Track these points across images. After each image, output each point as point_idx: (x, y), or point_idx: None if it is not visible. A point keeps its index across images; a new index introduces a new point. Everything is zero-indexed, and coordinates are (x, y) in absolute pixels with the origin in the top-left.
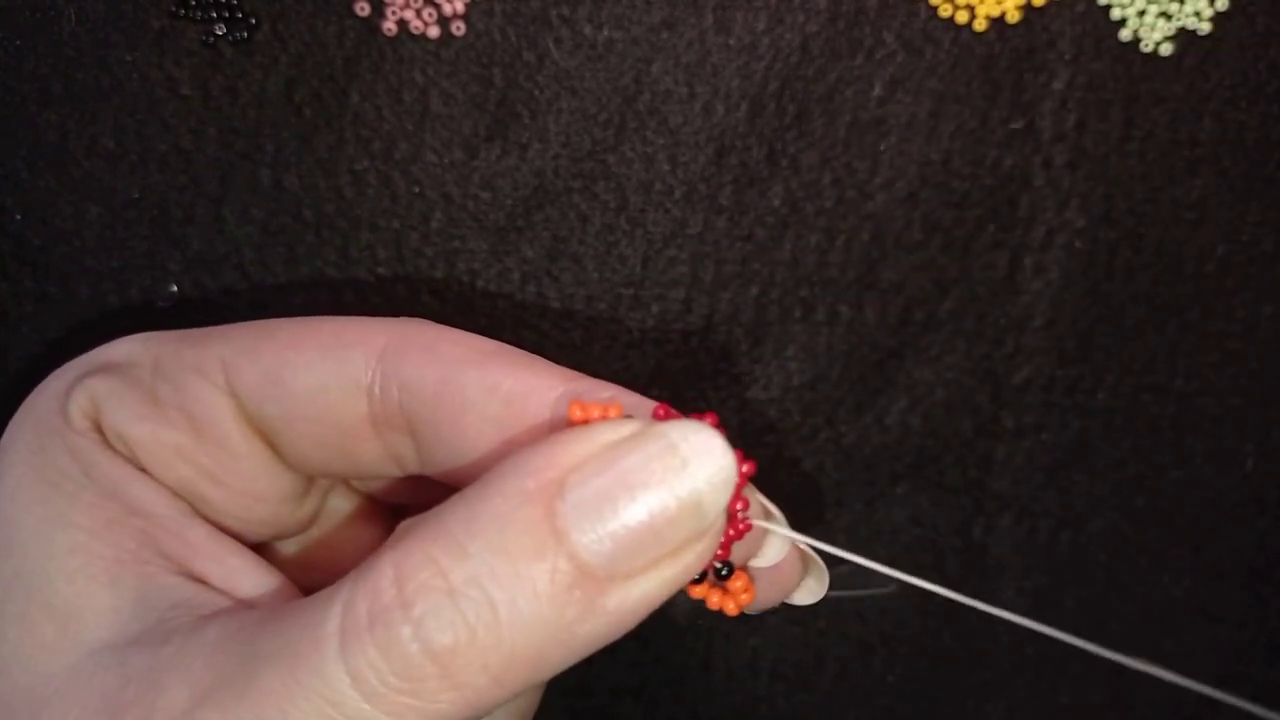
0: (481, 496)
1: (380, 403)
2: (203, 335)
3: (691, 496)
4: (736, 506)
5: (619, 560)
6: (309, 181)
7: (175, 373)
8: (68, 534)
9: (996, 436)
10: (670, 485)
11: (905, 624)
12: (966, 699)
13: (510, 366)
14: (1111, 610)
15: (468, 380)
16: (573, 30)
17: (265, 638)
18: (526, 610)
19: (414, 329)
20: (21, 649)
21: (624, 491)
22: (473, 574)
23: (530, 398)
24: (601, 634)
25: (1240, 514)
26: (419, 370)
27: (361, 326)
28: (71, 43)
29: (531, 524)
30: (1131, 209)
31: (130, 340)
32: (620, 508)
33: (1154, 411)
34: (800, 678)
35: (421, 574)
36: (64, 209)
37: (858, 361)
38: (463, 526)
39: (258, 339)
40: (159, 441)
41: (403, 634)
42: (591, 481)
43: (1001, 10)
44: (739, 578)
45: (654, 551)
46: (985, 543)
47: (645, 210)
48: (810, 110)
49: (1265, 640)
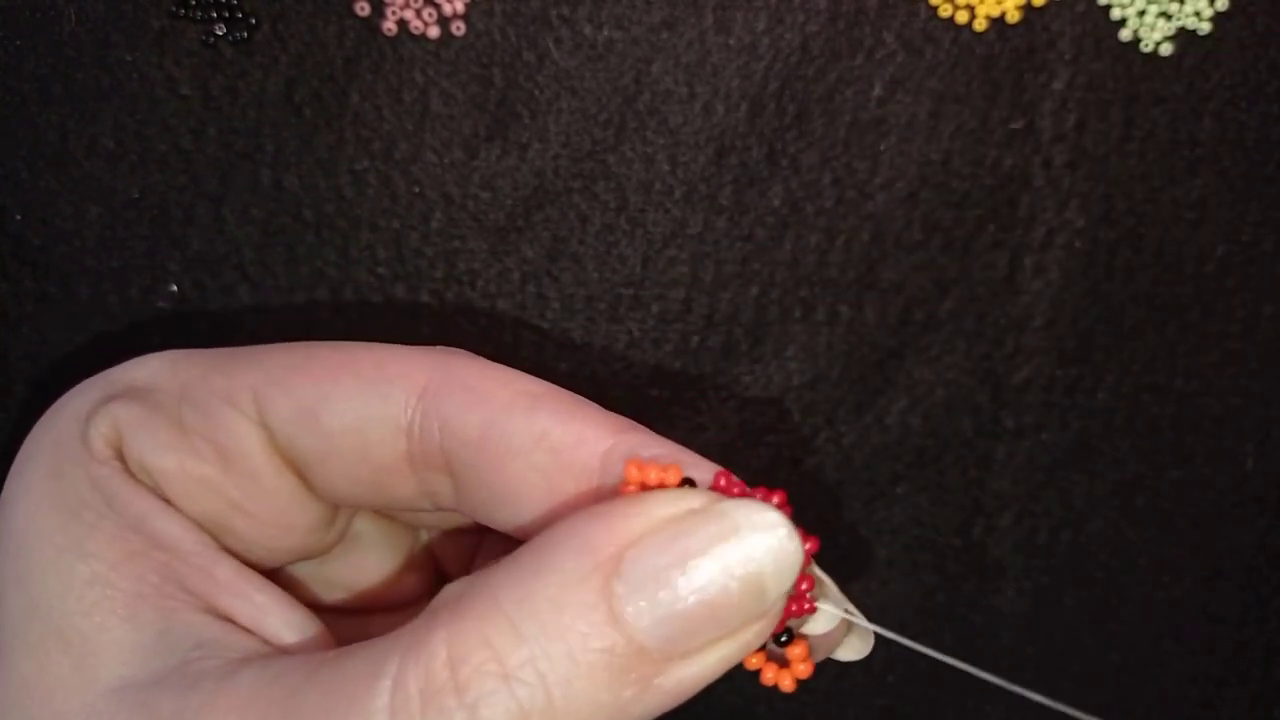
0: (536, 573)
1: (420, 442)
2: (231, 359)
3: (754, 580)
4: (802, 586)
5: (677, 642)
6: (309, 181)
7: (204, 400)
8: (86, 565)
9: (996, 436)
10: (732, 569)
11: (905, 624)
12: (966, 699)
13: (559, 414)
14: (1111, 610)
15: (514, 427)
16: (573, 30)
17: (307, 697)
18: (581, 693)
19: (457, 364)
20: (37, 684)
21: (684, 574)
22: (528, 657)
23: (580, 449)
24: (655, 710)
25: (1240, 514)
26: (462, 413)
27: (401, 359)
28: (71, 43)
29: (588, 607)
30: (1131, 209)
31: (154, 360)
32: (680, 590)
33: (1154, 411)
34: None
35: (476, 657)
36: (64, 209)
37: (858, 361)
38: (516, 607)
39: (291, 368)
40: (185, 473)
41: (456, 717)
42: (650, 560)
43: (1001, 10)
44: (798, 644)
45: (713, 633)
46: (985, 543)
47: (645, 210)
48: (810, 110)
49: (1265, 640)
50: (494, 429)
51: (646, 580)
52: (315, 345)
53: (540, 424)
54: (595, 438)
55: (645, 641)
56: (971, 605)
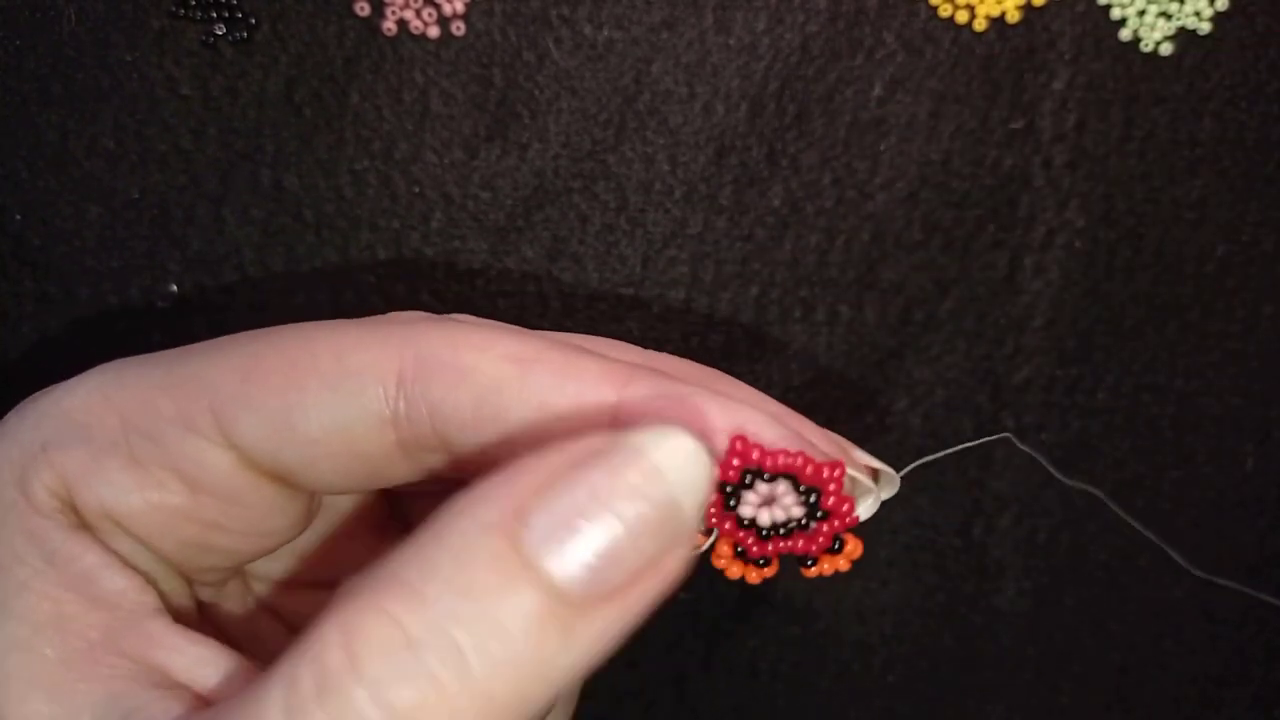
0: (436, 537)
1: (409, 429)
2: (171, 375)
3: (667, 500)
4: (844, 509)
5: (596, 582)
6: (309, 181)
7: (156, 430)
8: (9, 628)
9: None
10: (643, 492)
11: (905, 624)
12: (966, 699)
13: (553, 377)
14: (1111, 610)
15: (508, 402)
16: (573, 30)
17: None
18: (500, 652)
19: (427, 339)
20: None
21: (595, 507)
22: (433, 621)
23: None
24: (585, 660)
25: (1240, 514)
26: (450, 394)
27: (363, 345)
28: (71, 43)
29: (495, 557)
30: (1131, 209)
31: (84, 385)
32: (593, 525)
33: (1154, 411)
34: (800, 678)
35: (374, 631)
36: (64, 209)
37: (858, 361)
38: (416, 571)
39: (246, 378)
40: (154, 508)
41: (357, 698)
42: (558, 503)
43: (1001, 10)
44: (849, 540)
45: (633, 563)
46: (985, 543)
47: (645, 210)
48: (810, 110)
49: (1265, 640)
50: (486, 407)
51: (557, 523)
52: (258, 342)
53: (536, 394)
54: (598, 395)
55: (563, 586)
56: (971, 605)
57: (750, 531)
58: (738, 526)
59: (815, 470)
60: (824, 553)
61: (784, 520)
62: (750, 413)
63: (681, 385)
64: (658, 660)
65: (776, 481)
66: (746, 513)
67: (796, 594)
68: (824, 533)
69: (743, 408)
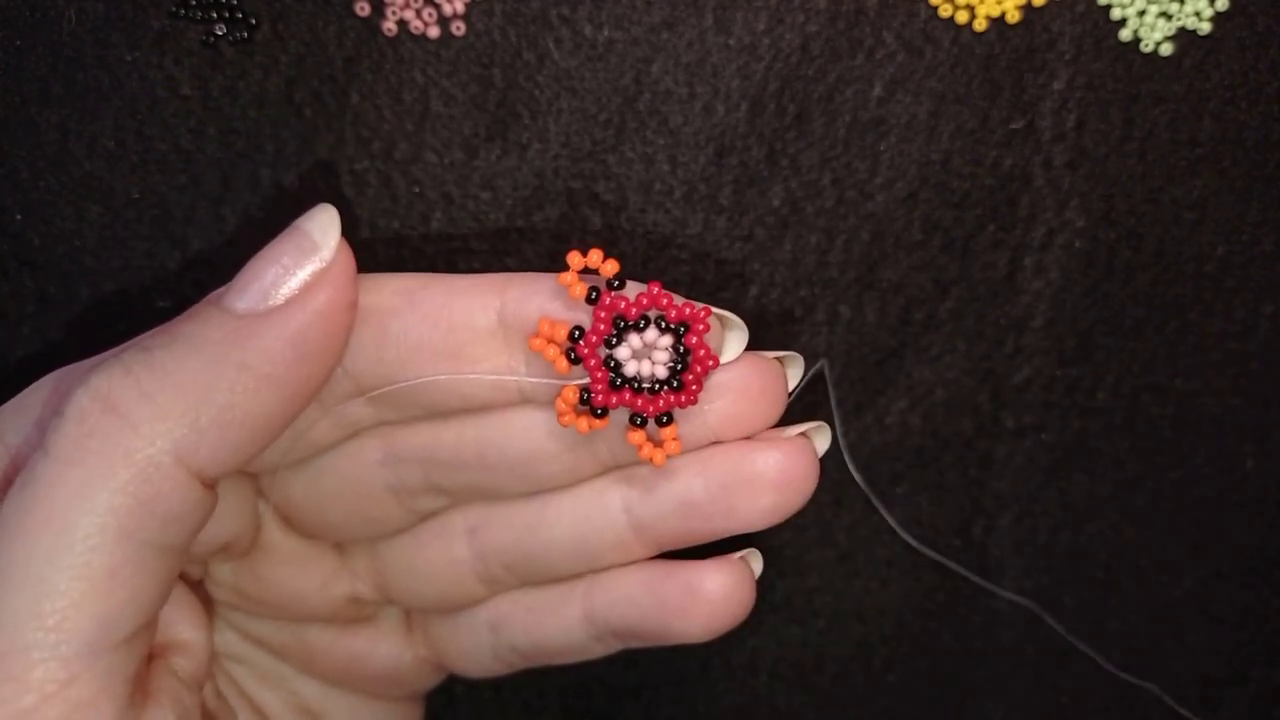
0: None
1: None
2: None
3: (302, 234)
4: (693, 341)
5: (257, 298)
6: (309, 181)
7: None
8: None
9: (996, 436)
10: (292, 242)
11: (905, 624)
12: (966, 699)
13: (442, 296)
14: (1111, 610)
15: (405, 326)
16: (573, 30)
17: None
18: (183, 353)
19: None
20: None
21: (263, 262)
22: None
23: (476, 323)
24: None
25: (1240, 514)
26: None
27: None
28: (71, 43)
29: (198, 313)
30: (1131, 209)
31: None
32: (259, 271)
33: (1154, 411)
34: (800, 678)
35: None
36: (64, 209)
37: (858, 361)
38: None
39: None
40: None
41: (76, 393)
42: (250, 273)
43: (1001, 10)
44: (672, 427)
45: (287, 286)
46: (985, 543)
47: (645, 210)
48: (810, 110)
49: (1265, 640)
50: (387, 337)
51: (248, 284)
52: None
53: (427, 314)
54: (483, 304)
55: (232, 305)
56: (971, 605)
57: (605, 375)
58: (603, 366)
59: (681, 309)
60: (655, 419)
61: (648, 376)
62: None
63: (554, 277)
64: (658, 660)
65: (648, 330)
66: (621, 354)
67: (796, 594)
68: (688, 381)
69: None
